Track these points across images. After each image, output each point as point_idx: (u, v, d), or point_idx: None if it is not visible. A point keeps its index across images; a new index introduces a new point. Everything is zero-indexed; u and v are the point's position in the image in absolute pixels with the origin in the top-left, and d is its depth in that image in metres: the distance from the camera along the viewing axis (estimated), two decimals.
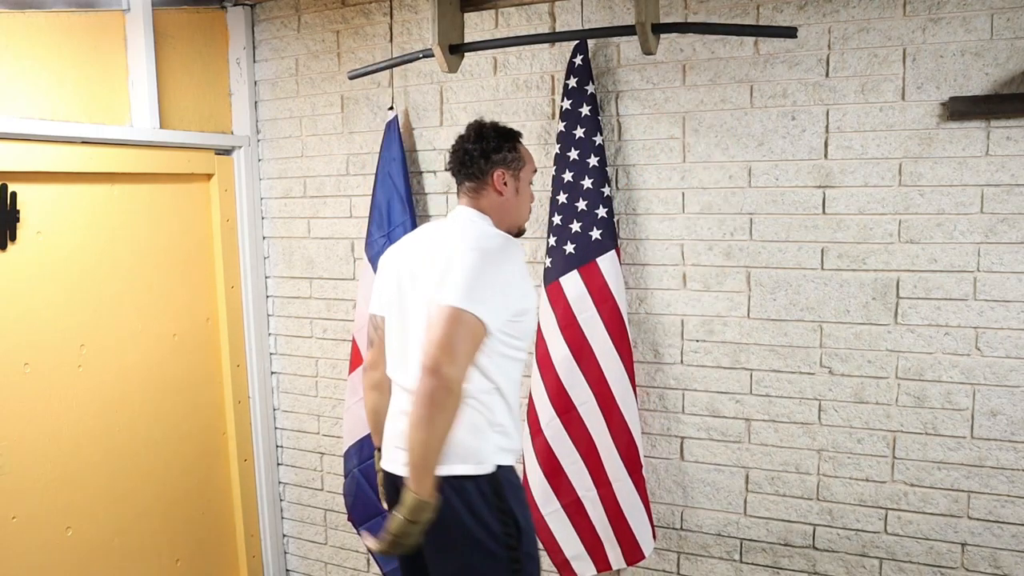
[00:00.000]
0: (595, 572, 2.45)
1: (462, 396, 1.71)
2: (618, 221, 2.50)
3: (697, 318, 2.44)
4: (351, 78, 2.70)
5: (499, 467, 1.83)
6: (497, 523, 1.80)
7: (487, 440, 1.82)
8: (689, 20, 2.36)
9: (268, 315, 3.22)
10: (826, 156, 2.24)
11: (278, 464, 3.28)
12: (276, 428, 3.27)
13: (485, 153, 1.93)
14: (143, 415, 2.75)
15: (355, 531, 2.88)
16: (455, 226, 1.94)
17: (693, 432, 2.49)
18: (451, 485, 1.78)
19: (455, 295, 1.72)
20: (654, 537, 2.46)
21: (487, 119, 2.02)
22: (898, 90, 2.15)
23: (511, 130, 2.00)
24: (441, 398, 1.67)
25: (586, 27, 2.46)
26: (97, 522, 2.59)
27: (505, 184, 1.94)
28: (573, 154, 2.38)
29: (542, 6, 2.54)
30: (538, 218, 2.62)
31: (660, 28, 2.16)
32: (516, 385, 1.90)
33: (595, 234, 2.36)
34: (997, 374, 2.13)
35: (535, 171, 2.04)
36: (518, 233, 2.03)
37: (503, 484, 1.82)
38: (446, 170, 2.14)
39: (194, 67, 2.94)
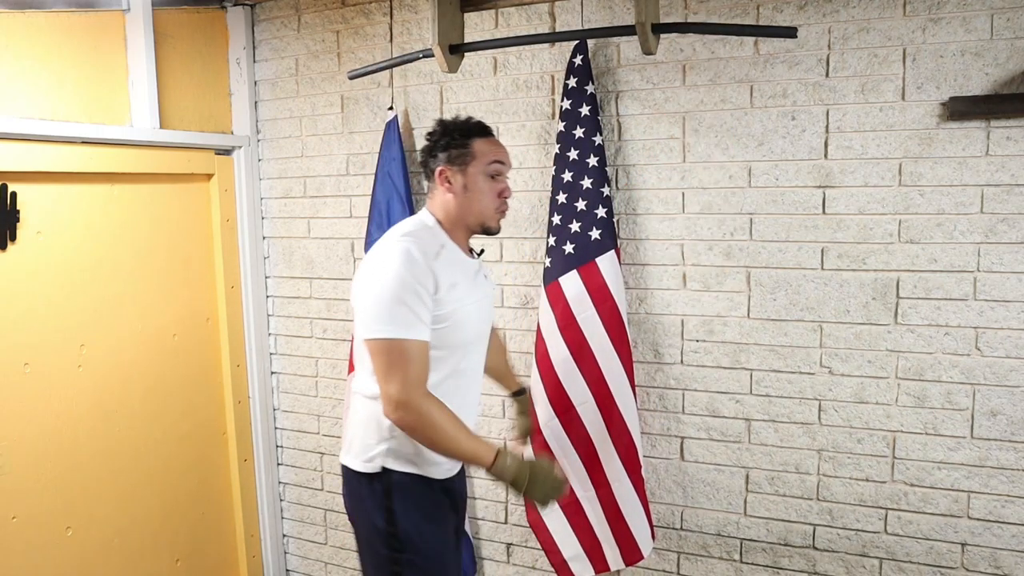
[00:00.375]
0: (593, 573, 2.45)
1: (431, 400, 1.74)
2: (618, 221, 2.50)
3: (697, 318, 2.44)
4: (351, 78, 2.70)
5: (388, 470, 1.84)
6: (382, 521, 1.85)
7: (378, 443, 1.85)
8: (689, 20, 2.36)
9: (268, 315, 3.22)
10: (826, 156, 2.24)
11: (278, 464, 3.28)
12: (276, 428, 3.27)
13: (431, 151, 1.93)
14: (143, 415, 2.75)
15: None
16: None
17: (693, 432, 2.49)
18: (351, 473, 1.90)
19: (368, 327, 1.76)
20: (653, 537, 2.46)
21: (463, 116, 1.98)
22: (898, 90, 2.15)
23: (465, 125, 1.93)
24: (412, 420, 1.73)
25: (586, 27, 2.45)
26: (97, 522, 2.59)
27: (449, 182, 1.89)
28: (573, 154, 2.38)
29: (542, 6, 2.54)
30: (538, 218, 2.62)
31: (660, 28, 2.16)
32: (462, 343, 1.87)
33: (594, 234, 2.36)
34: (997, 374, 2.13)
35: (495, 163, 1.91)
36: (484, 231, 1.95)
37: (393, 488, 1.84)
38: None
39: (194, 67, 2.94)
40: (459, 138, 1.90)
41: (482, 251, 2.05)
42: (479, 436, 1.82)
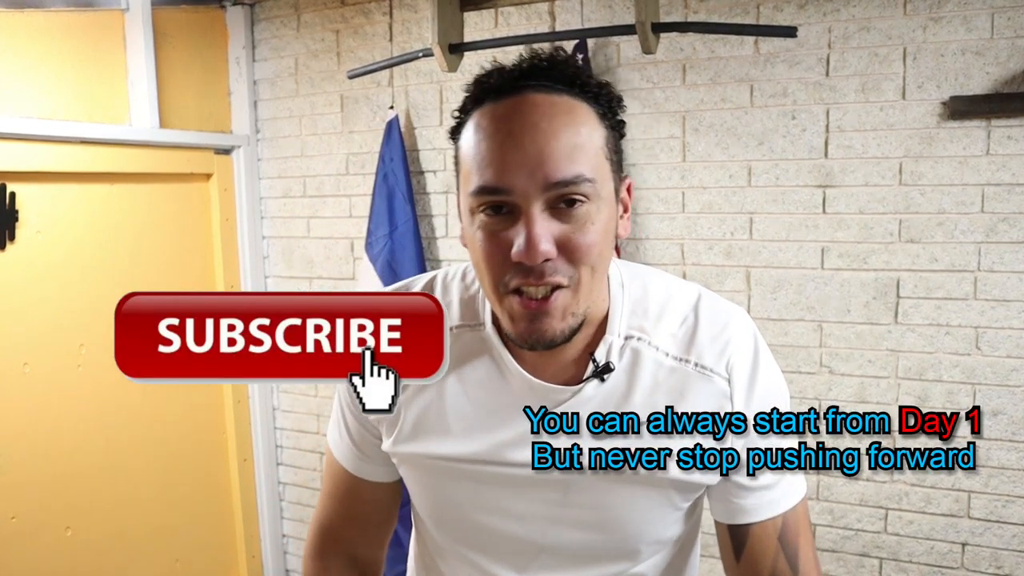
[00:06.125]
0: None
1: (317, 563, 1.18)
2: None
3: None
4: (351, 78, 2.69)
5: None
6: None
7: None
8: (689, 20, 2.35)
9: None
10: (826, 155, 2.24)
11: (278, 464, 3.28)
12: (276, 428, 3.27)
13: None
14: (143, 415, 2.75)
15: None
16: None
17: None
18: None
19: None
20: None
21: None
22: (899, 89, 2.15)
23: (477, 82, 0.91)
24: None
25: (586, 27, 2.45)
26: (97, 522, 2.59)
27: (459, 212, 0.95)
28: None
29: (542, 6, 2.54)
30: None
31: (660, 28, 2.16)
32: (430, 524, 1.12)
33: None
34: (998, 374, 2.13)
35: (479, 189, 0.86)
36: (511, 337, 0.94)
37: None
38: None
39: (194, 67, 2.93)
40: (458, 119, 0.94)
41: (603, 369, 0.98)
42: None
